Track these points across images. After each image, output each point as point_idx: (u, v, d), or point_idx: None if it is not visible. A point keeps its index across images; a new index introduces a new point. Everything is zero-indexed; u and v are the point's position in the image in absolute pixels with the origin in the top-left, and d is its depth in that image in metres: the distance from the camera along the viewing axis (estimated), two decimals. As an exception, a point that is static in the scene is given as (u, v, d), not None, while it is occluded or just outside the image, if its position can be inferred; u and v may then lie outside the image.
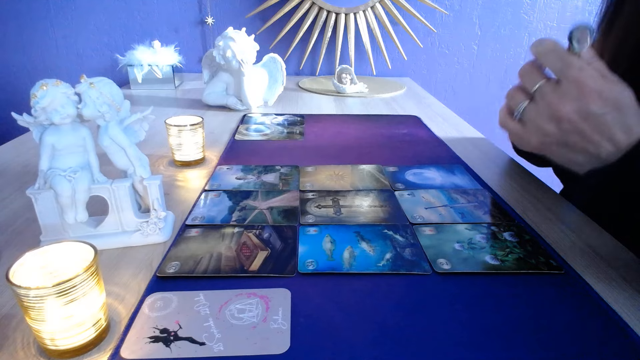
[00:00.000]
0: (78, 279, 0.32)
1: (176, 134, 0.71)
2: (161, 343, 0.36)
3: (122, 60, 1.26)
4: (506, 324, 0.38)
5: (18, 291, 0.31)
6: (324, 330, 0.37)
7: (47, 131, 0.45)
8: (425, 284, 0.44)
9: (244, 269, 0.45)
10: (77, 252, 0.36)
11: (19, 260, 0.34)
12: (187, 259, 0.47)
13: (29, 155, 0.76)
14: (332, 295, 0.42)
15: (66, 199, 0.46)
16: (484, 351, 0.35)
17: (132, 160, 0.50)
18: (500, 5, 1.53)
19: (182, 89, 1.33)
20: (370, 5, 1.45)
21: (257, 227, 0.54)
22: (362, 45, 1.51)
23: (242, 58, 1.01)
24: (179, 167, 0.73)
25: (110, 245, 0.49)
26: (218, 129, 0.94)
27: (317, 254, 0.48)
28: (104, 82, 0.47)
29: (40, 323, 0.32)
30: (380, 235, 0.52)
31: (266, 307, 0.40)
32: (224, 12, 1.49)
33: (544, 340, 0.37)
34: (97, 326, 0.35)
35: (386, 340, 0.36)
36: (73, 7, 1.45)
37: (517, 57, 1.60)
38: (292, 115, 1.05)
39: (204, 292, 0.42)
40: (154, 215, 0.50)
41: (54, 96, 0.43)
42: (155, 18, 1.48)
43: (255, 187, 0.64)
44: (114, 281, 0.44)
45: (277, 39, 1.50)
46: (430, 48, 1.59)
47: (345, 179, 0.68)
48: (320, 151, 0.80)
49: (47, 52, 1.51)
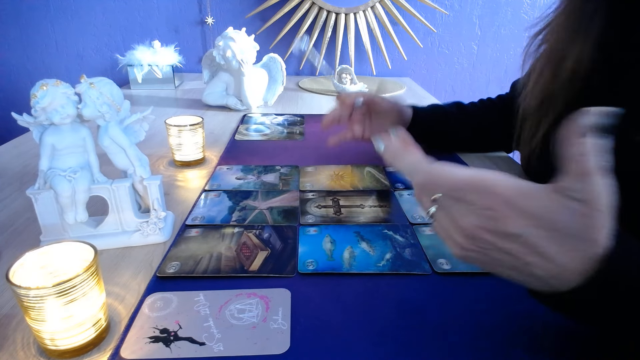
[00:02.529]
0: (78, 279, 0.32)
1: (176, 134, 0.71)
2: (161, 343, 0.36)
3: (122, 60, 1.26)
4: (506, 324, 0.38)
5: (18, 291, 0.31)
6: (324, 330, 0.37)
7: (47, 131, 0.45)
8: (425, 284, 0.44)
9: (244, 269, 0.45)
10: (77, 252, 0.36)
11: (19, 260, 0.34)
12: (187, 259, 0.47)
13: (29, 155, 0.76)
14: (332, 295, 0.42)
15: (66, 199, 0.46)
16: (484, 351, 0.35)
17: (132, 160, 0.50)
18: (500, 5, 1.53)
19: (182, 89, 1.32)
20: (370, 5, 1.45)
21: (257, 227, 0.54)
22: (362, 45, 1.51)
23: (242, 58, 1.01)
24: (179, 167, 0.73)
25: (110, 245, 0.49)
26: (218, 129, 0.94)
27: (317, 254, 0.48)
28: (104, 82, 0.47)
29: (40, 323, 0.32)
30: (380, 235, 0.52)
31: (266, 307, 0.40)
32: (224, 12, 1.49)
33: (544, 341, 0.37)
34: (97, 326, 0.35)
35: (386, 340, 0.36)
36: (73, 7, 1.45)
37: (517, 57, 1.59)
38: (292, 115, 1.05)
39: (204, 292, 0.42)
40: (154, 215, 0.50)
41: (54, 96, 0.43)
42: (155, 18, 1.48)
43: (255, 187, 0.64)
44: (114, 281, 0.44)
45: (277, 39, 1.50)
46: (430, 48, 1.58)
47: (345, 179, 0.68)
48: (320, 151, 0.80)
49: (47, 52, 1.51)
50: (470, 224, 0.29)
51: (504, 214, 0.28)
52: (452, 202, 0.31)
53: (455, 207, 0.30)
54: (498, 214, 0.28)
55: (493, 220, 0.28)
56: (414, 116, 0.75)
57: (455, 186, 0.30)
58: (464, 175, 0.30)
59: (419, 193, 0.34)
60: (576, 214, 0.27)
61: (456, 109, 0.78)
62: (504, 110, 0.76)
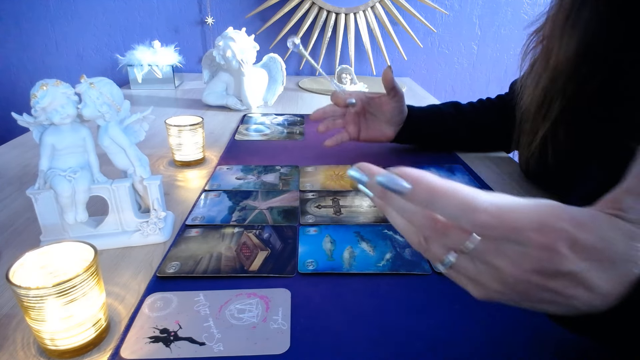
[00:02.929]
0: (78, 279, 0.32)
1: (176, 134, 0.71)
2: (161, 343, 0.36)
3: (122, 60, 1.26)
4: (506, 324, 0.38)
5: (18, 291, 0.31)
6: (324, 330, 0.37)
7: (47, 131, 0.45)
8: (425, 284, 0.44)
9: (244, 269, 0.45)
10: (77, 252, 0.36)
11: (19, 260, 0.34)
12: (187, 259, 0.47)
13: (29, 155, 0.76)
14: (332, 295, 0.42)
15: (66, 199, 0.46)
16: (485, 351, 0.35)
17: (132, 160, 0.50)
18: (500, 5, 1.53)
19: (182, 89, 1.32)
20: (370, 5, 1.45)
21: (257, 227, 0.54)
22: (362, 45, 1.51)
23: (242, 58, 1.01)
24: (179, 167, 0.73)
25: (110, 245, 0.49)
26: (218, 129, 0.94)
27: (317, 254, 0.48)
28: (104, 82, 0.47)
29: (40, 323, 0.32)
30: (380, 235, 0.52)
31: (266, 307, 0.40)
32: (224, 12, 1.49)
33: (544, 341, 0.37)
34: (97, 326, 0.35)
35: (386, 340, 0.36)
36: (73, 7, 1.45)
37: (517, 57, 1.59)
38: (292, 115, 1.05)
39: (204, 292, 0.42)
40: (154, 215, 0.50)
41: (54, 96, 0.43)
42: (155, 18, 1.48)
43: (255, 187, 0.64)
44: (114, 281, 0.44)
45: (277, 39, 1.50)
46: (430, 48, 1.58)
47: (345, 179, 0.68)
48: (320, 151, 0.80)
49: (47, 52, 1.51)
50: (518, 268, 0.24)
51: (562, 253, 0.23)
52: (496, 245, 0.25)
53: (496, 253, 0.25)
54: (557, 254, 0.23)
55: (549, 261, 0.24)
56: (408, 116, 0.75)
57: (517, 227, 0.24)
58: (525, 210, 0.24)
59: (433, 236, 0.27)
60: (630, 238, 0.24)
61: (453, 109, 0.78)
62: (502, 110, 0.76)
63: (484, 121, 0.78)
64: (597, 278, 0.24)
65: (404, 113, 0.74)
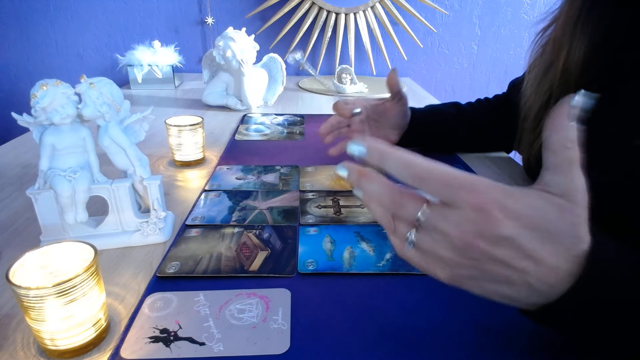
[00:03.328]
0: (78, 279, 0.32)
1: (176, 134, 0.71)
2: (161, 343, 0.36)
3: (122, 60, 1.26)
4: (506, 324, 0.38)
5: (18, 291, 0.31)
6: (324, 330, 0.37)
7: (47, 131, 0.45)
8: (425, 284, 0.44)
9: (244, 269, 0.45)
10: (77, 252, 0.36)
11: (19, 260, 0.34)
12: (187, 259, 0.47)
13: (29, 155, 0.76)
14: (332, 295, 0.42)
15: (66, 199, 0.46)
16: (484, 351, 0.35)
17: (132, 160, 0.50)
18: (500, 5, 1.53)
19: (182, 89, 1.32)
20: (370, 5, 1.45)
21: (257, 227, 0.54)
22: (362, 45, 1.51)
23: (242, 58, 1.01)
24: (179, 167, 0.73)
25: (110, 246, 0.49)
26: (218, 129, 0.94)
27: (317, 254, 0.48)
28: (104, 82, 0.47)
29: (40, 323, 0.32)
30: (380, 235, 0.52)
31: (266, 307, 0.40)
32: (224, 12, 1.49)
33: (544, 341, 0.37)
34: (97, 326, 0.35)
35: (386, 340, 0.36)
36: (73, 7, 1.45)
37: (517, 57, 1.60)
38: (292, 115, 1.05)
39: (204, 292, 0.42)
40: (154, 215, 0.50)
41: (54, 96, 0.43)
42: (155, 18, 1.48)
43: (255, 187, 0.64)
44: (114, 281, 0.44)
45: (277, 39, 1.50)
46: (430, 48, 1.58)
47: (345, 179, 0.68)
48: (320, 151, 0.80)
49: (47, 52, 1.51)
50: (462, 232, 0.27)
51: (494, 216, 0.26)
52: (439, 211, 0.28)
53: (442, 218, 0.28)
54: (489, 215, 0.26)
55: (484, 223, 0.26)
56: (411, 118, 0.75)
57: (448, 182, 0.27)
58: (455, 171, 0.28)
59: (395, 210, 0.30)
60: (559, 210, 0.26)
61: (453, 109, 0.78)
62: (502, 110, 0.76)
63: (484, 121, 0.78)
64: (541, 249, 0.26)
65: (407, 117, 0.74)
